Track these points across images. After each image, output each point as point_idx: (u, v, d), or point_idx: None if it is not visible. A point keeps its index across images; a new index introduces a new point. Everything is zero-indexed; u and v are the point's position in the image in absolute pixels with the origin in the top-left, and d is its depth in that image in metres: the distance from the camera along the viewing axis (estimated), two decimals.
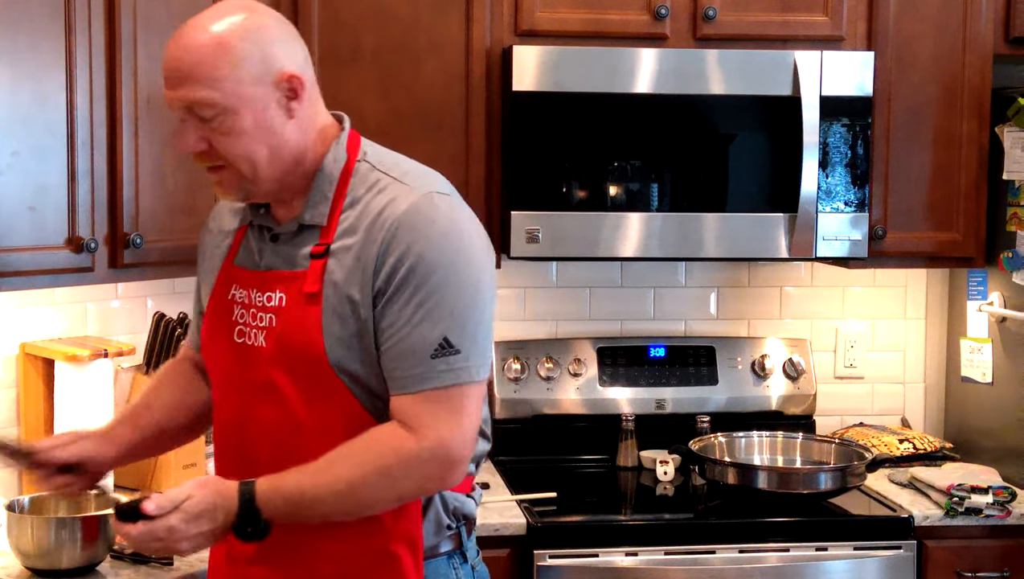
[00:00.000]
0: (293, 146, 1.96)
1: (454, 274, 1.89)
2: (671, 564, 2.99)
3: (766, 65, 3.21)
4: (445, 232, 1.91)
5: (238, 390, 2.01)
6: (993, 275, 3.45)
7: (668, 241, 3.21)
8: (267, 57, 1.92)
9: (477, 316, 1.91)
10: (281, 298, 1.97)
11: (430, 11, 3.20)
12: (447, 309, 1.88)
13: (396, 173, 1.98)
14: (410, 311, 1.88)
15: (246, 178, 1.95)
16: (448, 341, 1.88)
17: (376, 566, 1.96)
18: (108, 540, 2.54)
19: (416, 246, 1.88)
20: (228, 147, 1.93)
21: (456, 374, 1.89)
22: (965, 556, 3.13)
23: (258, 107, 1.92)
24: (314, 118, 1.99)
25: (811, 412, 3.68)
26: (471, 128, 3.22)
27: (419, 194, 1.93)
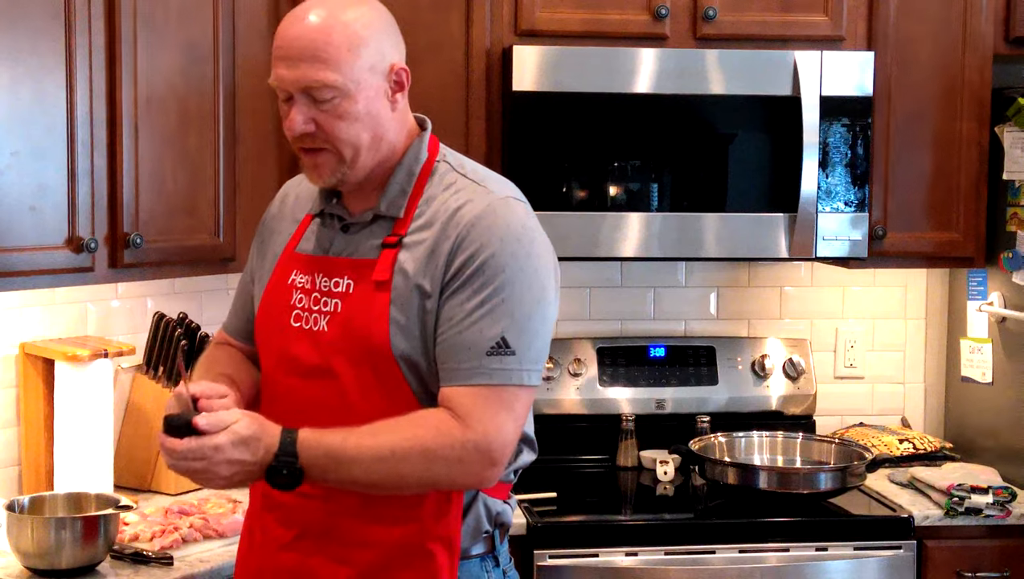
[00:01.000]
0: (392, 137, 2.03)
1: (521, 278, 1.95)
2: (671, 564, 2.99)
3: (766, 65, 3.21)
4: (518, 236, 1.96)
5: (289, 373, 2.03)
6: (993, 275, 3.45)
7: (668, 241, 3.21)
8: (382, 48, 1.99)
9: (536, 323, 1.96)
10: (349, 285, 2.00)
11: (430, 11, 3.20)
12: (508, 310, 1.93)
13: (475, 177, 2.04)
14: (472, 306, 1.93)
15: (344, 162, 2.00)
16: (505, 341, 1.92)
17: (411, 561, 1.98)
18: (108, 540, 2.54)
19: (488, 245, 1.94)
20: (337, 130, 1.98)
21: (508, 374, 1.92)
22: (965, 556, 3.13)
23: (371, 94, 1.98)
24: (407, 113, 2.08)
25: (811, 412, 3.68)
26: (471, 128, 3.22)
27: (497, 197, 2.00)
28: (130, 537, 2.68)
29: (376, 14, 2.01)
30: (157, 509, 2.86)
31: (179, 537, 2.67)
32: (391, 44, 2.02)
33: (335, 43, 1.95)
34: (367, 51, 1.97)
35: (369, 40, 1.97)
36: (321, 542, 1.97)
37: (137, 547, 2.63)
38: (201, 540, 2.71)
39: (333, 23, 1.96)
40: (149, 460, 3.12)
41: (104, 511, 2.55)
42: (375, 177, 2.04)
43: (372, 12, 2.01)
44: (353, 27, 1.96)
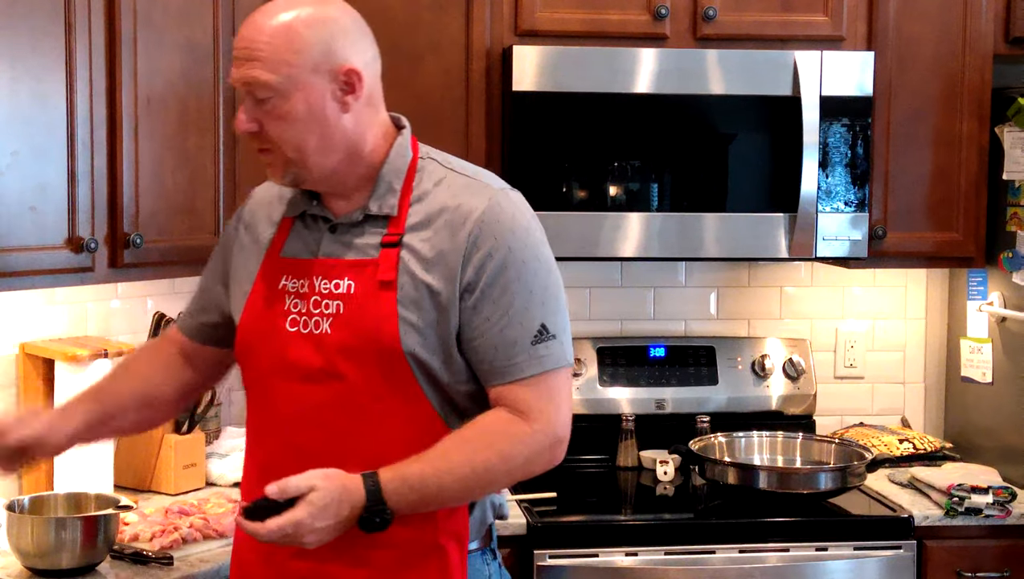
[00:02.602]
0: (346, 138, 2.00)
1: (541, 265, 2.00)
2: (671, 564, 2.99)
3: (766, 65, 3.21)
4: (527, 226, 2.00)
5: (288, 378, 2.02)
6: (993, 275, 3.45)
7: (668, 241, 3.21)
8: (329, 49, 1.96)
9: (562, 303, 2.02)
10: (350, 285, 1.99)
11: (430, 11, 3.20)
12: (539, 298, 1.98)
13: (465, 171, 2.06)
14: (507, 302, 1.96)
15: (293, 163, 1.99)
16: (545, 327, 1.97)
17: (425, 559, 1.99)
18: (108, 540, 2.54)
19: (504, 241, 1.96)
20: (276, 130, 1.97)
21: (555, 358, 1.97)
22: (965, 556, 3.13)
23: (312, 95, 1.96)
24: (374, 115, 2.05)
25: (811, 412, 3.68)
26: (471, 128, 3.22)
27: (495, 190, 2.02)
28: (130, 537, 2.68)
29: (330, 14, 1.98)
30: (157, 509, 2.86)
31: (179, 537, 2.67)
32: (345, 45, 1.98)
33: (274, 43, 1.94)
34: (309, 51, 1.94)
35: (312, 40, 1.95)
36: (336, 547, 1.96)
37: (137, 547, 2.63)
38: (201, 540, 2.71)
39: (276, 24, 1.95)
40: (149, 460, 3.13)
41: (104, 511, 2.55)
42: (352, 178, 2.03)
43: (325, 12, 1.98)
44: (296, 27, 1.94)
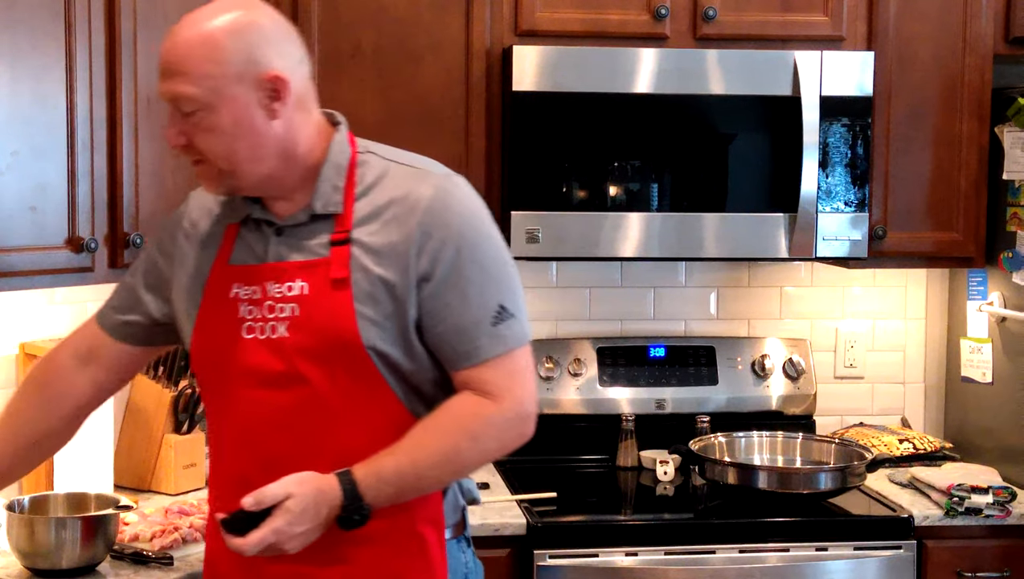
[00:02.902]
0: (277, 144, 1.97)
1: (491, 247, 2.00)
2: (671, 564, 2.99)
3: (766, 65, 3.21)
4: (474, 210, 2.01)
5: (249, 385, 2.01)
6: (993, 275, 3.45)
7: (668, 241, 3.21)
8: (252, 57, 1.93)
9: (516, 281, 2.03)
10: (303, 287, 1.98)
11: (430, 11, 3.20)
12: (495, 278, 1.99)
13: (406, 161, 2.04)
14: (465, 286, 1.96)
15: (226, 173, 1.98)
16: (504, 307, 1.98)
17: (405, 547, 1.99)
18: (108, 540, 2.54)
19: (456, 227, 1.96)
20: (206, 143, 1.95)
21: (516, 337, 1.99)
22: (965, 556, 3.13)
23: (238, 105, 1.93)
24: (306, 117, 2.01)
25: (811, 412, 3.68)
26: (471, 128, 3.22)
27: (440, 177, 2.01)
28: (130, 537, 2.68)
29: (251, 21, 1.95)
30: (157, 509, 2.86)
31: (179, 537, 2.67)
32: (271, 52, 1.94)
33: (195, 56, 1.92)
34: (231, 61, 1.92)
35: (234, 51, 1.92)
36: (313, 546, 1.96)
37: (137, 547, 2.63)
38: (201, 540, 2.70)
39: (195, 36, 1.93)
40: (149, 460, 3.13)
41: (104, 511, 2.55)
42: (289, 180, 2.01)
43: (246, 19, 1.95)
44: (216, 37, 1.92)
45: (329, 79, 3.16)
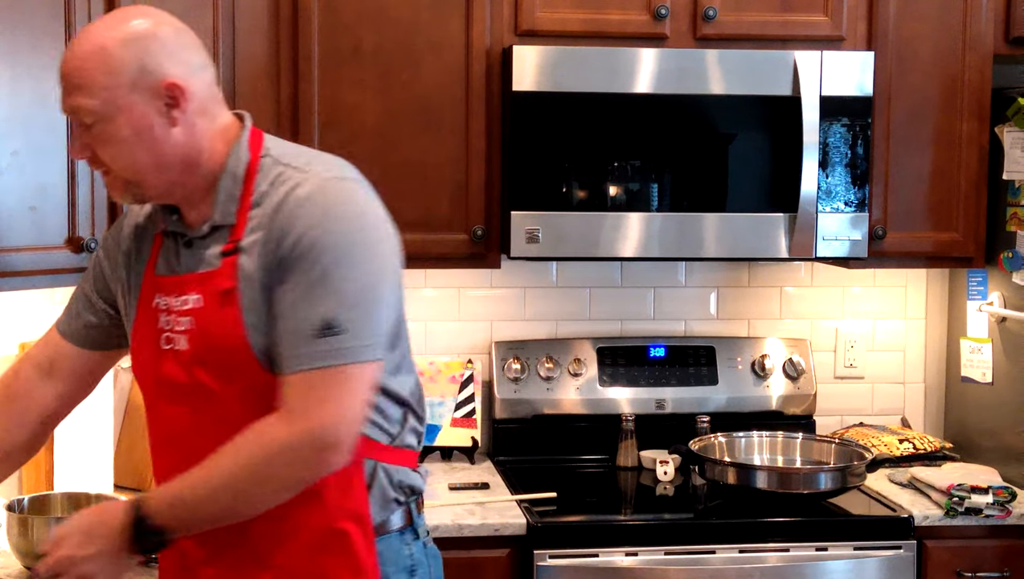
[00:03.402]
0: (179, 152, 1.97)
1: (345, 256, 1.89)
2: (671, 564, 2.99)
3: (766, 65, 3.21)
4: (339, 215, 1.91)
5: (171, 399, 2.03)
6: (993, 275, 3.45)
7: (668, 241, 3.21)
8: (146, 66, 1.92)
9: (370, 298, 1.91)
10: (198, 299, 1.99)
11: (430, 11, 3.20)
12: (333, 289, 1.88)
13: (298, 163, 1.99)
14: (298, 291, 1.89)
15: (131, 183, 1.98)
16: (333, 321, 1.87)
17: (326, 545, 1.98)
18: None
19: (310, 228, 1.89)
20: (108, 154, 1.96)
21: (339, 354, 1.87)
22: (965, 556, 3.13)
23: (135, 115, 1.93)
24: (209, 123, 2.00)
25: (811, 412, 3.68)
26: (471, 128, 3.22)
27: (320, 179, 1.95)
28: None
29: (144, 30, 1.94)
30: None
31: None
32: (162, 60, 1.93)
33: (88, 68, 1.91)
34: (125, 71, 1.91)
35: (128, 60, 1.91)
36: (238, 551, 1.98)
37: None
38: None
39: (89, 47, 1.92)
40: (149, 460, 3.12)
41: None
42: (197, 188, 2.01)
43: (139, 28, 1.94)
44: (109, 48, 1.91)
45: (329, 79, 3.16)
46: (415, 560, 2.11)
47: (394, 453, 2.07)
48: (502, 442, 3.56)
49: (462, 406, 3.53)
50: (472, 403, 3.53)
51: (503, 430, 3.56)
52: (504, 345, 3.58)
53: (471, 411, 3.53)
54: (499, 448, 3.56)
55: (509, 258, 3.19)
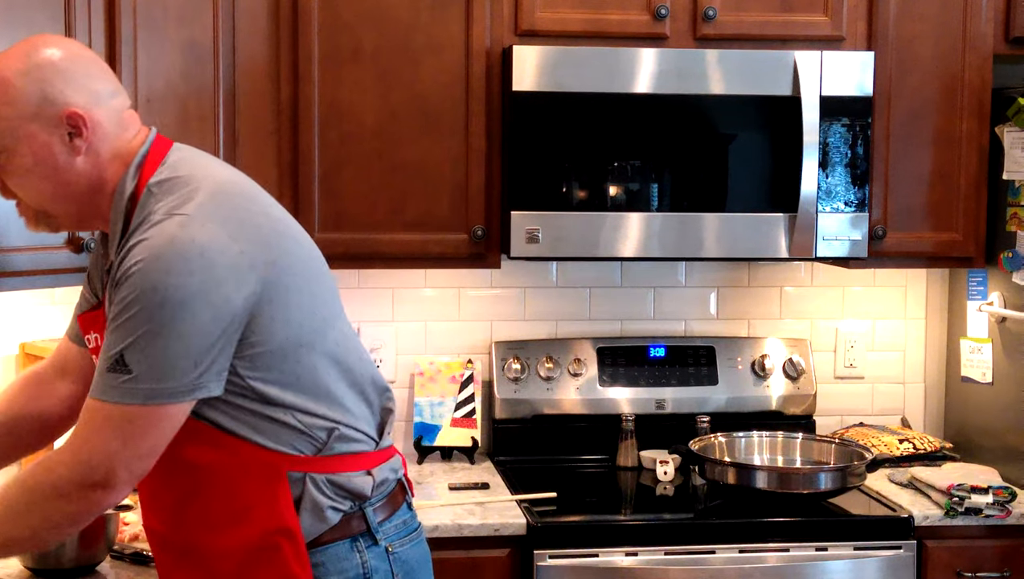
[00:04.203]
0: (84, 181, 1.97)
1: (153, 296, 1.83)
2: (671, 564, 2.99)
3: (766, 65, 3.21)
4: (159, 254, 1.85)
5: None
6: (993, 275, 3.45)
7: (668, 241, 3.21)
8: (47, 95, 1.92)
9: (166, 340, 1.84)
10: (96, 338, 2.04)
11: (430, 11, 3.20)
12: (133, 328, 1.84)
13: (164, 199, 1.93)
14: (110, 324, 1.89)
15: (40, 213, 2.00)
16: (123, 359, 1.85)
17: (260, 557, 2.00)
18: (108, 540, 2.54)
19: (132, 267, 1.86)
20: (15, 185, 1.97)
21: (121, 393, 1.85)
22: (965, 556, 3.13)
23: (37, 145, 1.93)
24: (113, 149, 1.99)
25: (811, 412, 3.68)
26: (471, 128, 3.22)
27: (157, 218, 1.90)
28: (130, 537, 2.68)
29: (48, 60, 1.94)
30: None
31: None
32: (63, 89, 1.93)
33: None
34: (24, 102, 1.91)
35: (25, 90, 1.91)
36: (189, 559, 2.03)
37: (137, 547, 2.63)
38: None
39: None
40: None
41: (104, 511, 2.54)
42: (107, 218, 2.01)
43: (39, 58, 1.94)
44: (8, 78, 1.92)
45: (329, 79, 3.16)
46: (370, 567, 2.07)
47: (325, 462, 2.04)
48: (502, 442, 3.56)
49: (462, 406, 3.53)
50: (472, 403, 3.53)
51: (503, 430, 3.56)
52: (504, 345, 3.58)
53: (471, 411, 3.53)
54: (499, 448, 3.56)
55: (509, 258, 3.19)
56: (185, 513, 2.02)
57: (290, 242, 2.02)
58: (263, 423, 1.98)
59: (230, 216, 1.92)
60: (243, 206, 1.96)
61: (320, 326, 2.03)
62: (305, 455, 2.02)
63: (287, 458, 2.00)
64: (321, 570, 2.03)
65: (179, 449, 1.97)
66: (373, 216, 3.20)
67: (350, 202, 3.19)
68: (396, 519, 2.14)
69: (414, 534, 2.18)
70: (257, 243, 1.93)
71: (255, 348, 1.94)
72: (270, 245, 1.95)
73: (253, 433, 1.98)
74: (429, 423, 3.52)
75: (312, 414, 2.02)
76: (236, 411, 1.97)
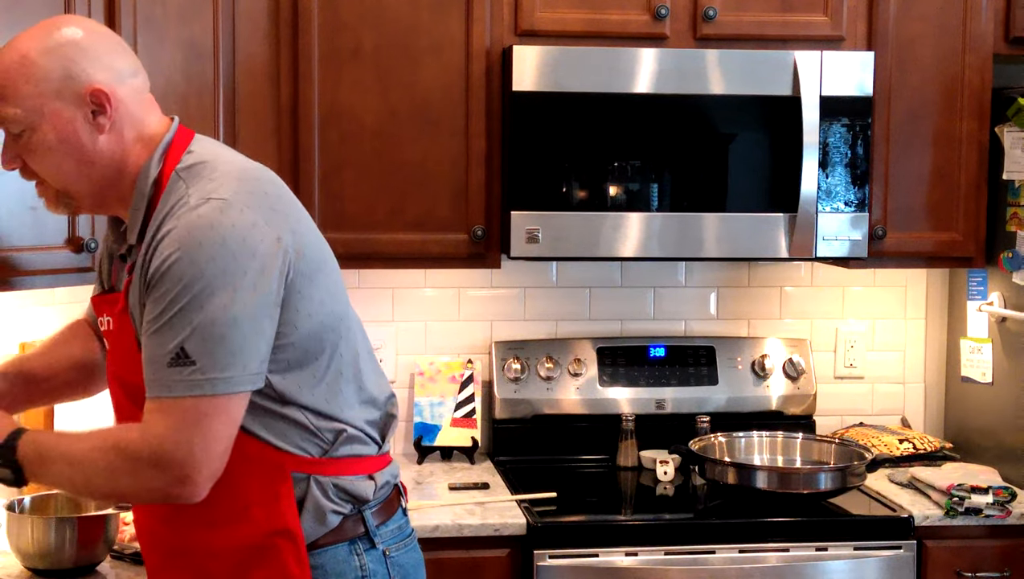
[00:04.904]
0: (107, 160, 1.97)
1: (202, 284, 1.83)
2: (671, 564, 2.99)
3: (766, 65, 3.21)
4: (200, 240, 1.84)
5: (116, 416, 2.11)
6: (993, 275, 3.45)
7: (668, 241, 3.21)
8: (70, 72, 1.92)
9: (223, 328, 1.84)
10: (109, 321, 2.03)
11: (430, 11, 3.20)
12: (188, 319, 1.84)
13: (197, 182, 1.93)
14: (155, 318, 1.87)
15: (62, 193, 2.00)
16: (184, 351, 1.84)
17: (258, 558, 1.99)
18: (108, 540, 2.54)
19: (171, 253, 1.85)
20: (36, 163, 1.96)
21: (189, 386, 1.84)
22: (965, 556, 3.13)
23: (61, 122, 1.93)
24: (137, 130, 1.99)
25: (811, 412, 3.68)
26: (471, 128, 3.22)
27: (205, 201, 1.89)
28: (130, 537, 2.68)
29: (67, 37, 1.94)
30: None
31: None
32: (86, 66, 1.93)
33: (12, 76, 1.91)
34: (48, 79, 1.92)
35: (51, 68, 1.92)
36: (181, 560, 2.03)
37: (137, 547, 2.63)
38: None
39: (12, 57, 1.93)
40: None
41: (104, 511, 2.55)
42: (126, 200, 2.00)
43: (62, 36, 1.94)
44: (31, 56, 1.92)
45: (329, 79, 3.16)
46: (368, 571, 2.07)
47: (330, 464, 2.03)
48: (502, 442, 3.56)
49: (462, 406, 3.53)
50: (472, 403, 3.53)
51: (503, 430, 3.56)
52: (504, 345, 3.58)
53: (471, 411, 3.53)
54: (499, 448, 3.56)
55: (509, 258, 3.19)
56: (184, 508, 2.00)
57: (311, 233, 2.02)
58: (274, 421, 1.98)
59: (262, 202, 1.92)
60: (273, 193, 1.97)
61: (336, 323, 2.03)
62: (311, 456, 2.01)
63: (292, 458, 2.00)
64: (319, 572, 2.02)
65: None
66: (373, 216, 3.20)
67: (350, 202, 3.19)
68: (392, 524, 2.13)
69: (408, 539, 2.18)
70: (287, 230, 1.93)
71: (280, 340, 1.93)
72: (297, 233, 1.96)
73: (262, 430, 1.97)
74: (429, 423, 3.52)
75: (324, 415, 2.02)
76: (250, 407, 1.95)
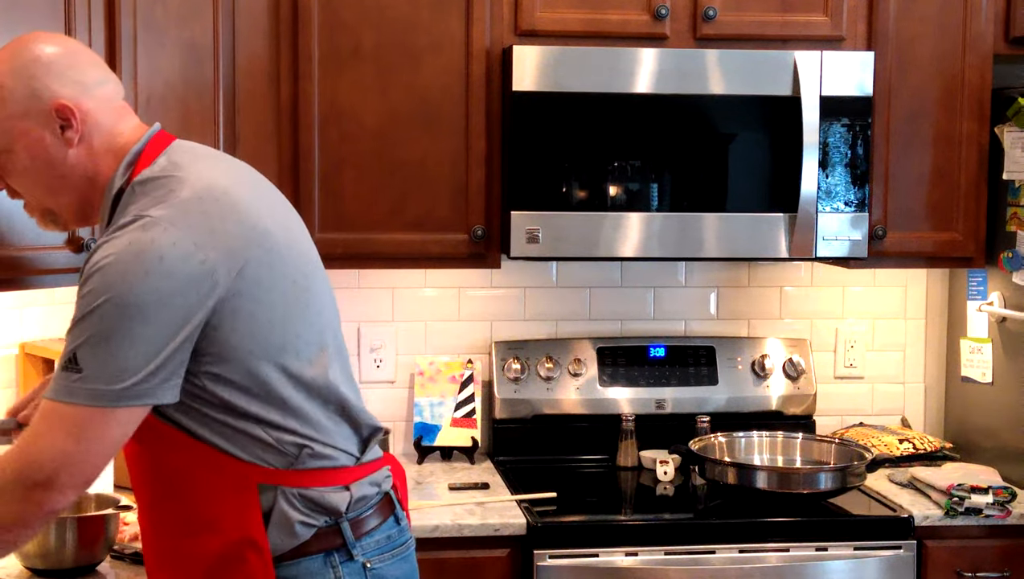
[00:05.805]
0: (79, 173, 1.98)
1: (107, 296, 1.82)
2: (671, 564, 2.99)
3: (766, 65, 3.21)
4: (119, 256, 1.84)
5: None
6: (993, 275, 3.45)
7: (668, 241, 3.21)
8: (34, 91, 1.94)
9: (115, 344, 1.82)
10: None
11: (430, 11, 3.20)
12: (85, 327, 1.83)
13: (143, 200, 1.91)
14: (71, 323, 1.88)
15: (46, 210, 2.02)
16: (75, 358, 1.83)
17: (227, 567, 1.98)
18: (108, 540, 2.54)
19: (94, 266, 1.86)
20: (17, 184, 1.99)
21: (70, 392, 1.83)
22: (965, 556, 3.13)
23: (31, 141, 1.95)
24: (107, 140, 1.99)
25: (811, 412, 3.68)
26: (471, 128, 3.22)
27: (128, 219, 1.88)
28: (130, 537, 2.68)
29: (32, 55, 1.95)
30: None
31: None
32: (49, 83, 1.94)
33: None
34: (16, 100, 1.93)
35: (13, 87, 1.93)
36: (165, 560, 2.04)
37: (137, 547, 2.63)
38: None
39: None
40: None
41: (104, 511, 2.55)
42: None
43: (24, 53, 1.95)
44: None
45: (329, 79, 3.16)
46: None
47: (296, 476, 2.00)
48: (502, 442, 3.56)
49: (462, 406, 3.53)
50: (472, 403, 3.53)
51: (503, 430, 3.56)
52: (504, 345, 3.58)
53: (471, 411, 3.53)
54: (499, 448, 3.56)
55: (509, 258, 3.19)
56: (162, 515, 2.02)
57: (266, 253, 1.95)
58: (234, 434, 1.96)
59: (200, 223, 1.88)
60: (218, 213, 1.91)
61: (292, 342, 1.97)
62: (275, 468, 1.98)
63: (257, 470, 1.97)
64: None
65: (158, 452, 1.99)
66: (373, 216, 3.20)
67: (350, 202, 3.19)
68: (379, 534, 2.09)
69: (400, 549, 2.13)
70: (224, 251, 1.89)
71: (215, 358, 1.91)
72: (236, 255, 1.90)
73: (223, 442, 1.96)
74: (429, 423, 3.52)
75: (281, 429, 1.98)
76: (206, 419, 1.95)
